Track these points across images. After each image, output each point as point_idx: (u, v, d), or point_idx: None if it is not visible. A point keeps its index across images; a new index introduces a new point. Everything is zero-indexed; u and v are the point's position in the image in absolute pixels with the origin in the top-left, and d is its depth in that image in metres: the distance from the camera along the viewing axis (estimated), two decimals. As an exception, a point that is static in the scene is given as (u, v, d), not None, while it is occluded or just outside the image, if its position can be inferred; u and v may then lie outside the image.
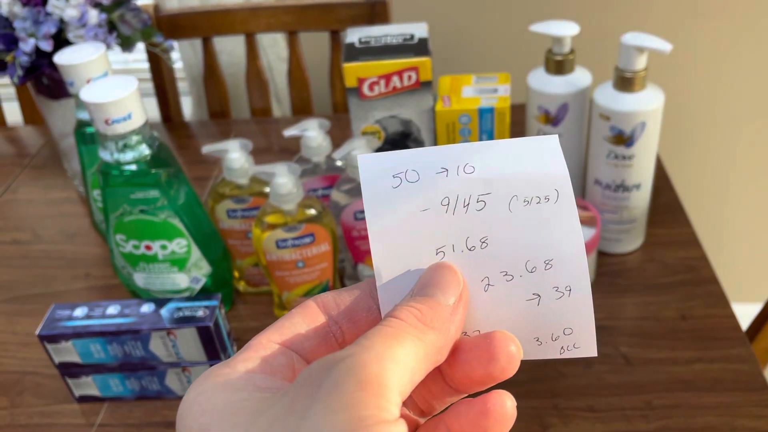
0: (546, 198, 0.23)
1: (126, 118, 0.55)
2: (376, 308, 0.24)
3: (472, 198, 0.23)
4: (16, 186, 0.93)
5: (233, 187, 0.65)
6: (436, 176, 0.23)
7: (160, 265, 0.63)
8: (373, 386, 0.19)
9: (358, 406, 0.18)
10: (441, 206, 0.23)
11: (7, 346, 0.68)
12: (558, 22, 0.67)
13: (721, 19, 1.18)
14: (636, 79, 0.62)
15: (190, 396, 0.21)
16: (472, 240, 0.23)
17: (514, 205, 0.23)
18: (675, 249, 0.72)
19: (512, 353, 0.22)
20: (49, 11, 0.75)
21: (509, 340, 0.22)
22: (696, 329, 0.63)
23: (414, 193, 0.23)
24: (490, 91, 0.67)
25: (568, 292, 0.23)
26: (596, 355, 0.23)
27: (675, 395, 0.57)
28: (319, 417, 0.18)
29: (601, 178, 0.67)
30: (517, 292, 0.23)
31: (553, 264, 0.23)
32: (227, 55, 1.23)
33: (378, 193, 0.23)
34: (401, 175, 0.23)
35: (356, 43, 0.67)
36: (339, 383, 0.19)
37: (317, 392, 0.19)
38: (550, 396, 0.58)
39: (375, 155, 0.23)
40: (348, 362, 0.19)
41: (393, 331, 0.21)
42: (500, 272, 0.23)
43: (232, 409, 0.20)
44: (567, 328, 0.23)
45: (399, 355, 0.20)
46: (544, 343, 0.23)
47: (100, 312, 0.57)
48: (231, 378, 0.21)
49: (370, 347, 0.20)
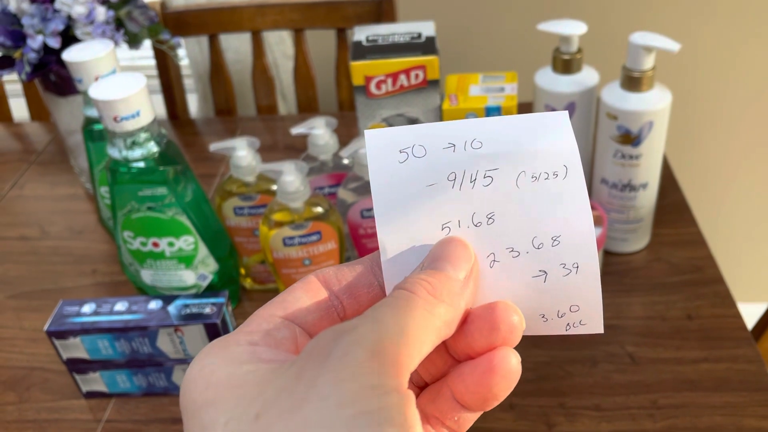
0: (555, 174, 0.22)
1: (134, 116, 0.56)
2: (377, 284, 0.23)
3: (479, 173, 0.22)
4: (23, 182, 0.93)
5: (240, 185, 0.65)
6: (443, 151, 0.23)
7: (168, 262, 0.63)
8: (383, 357, 0.19)
9: (368, 375, 0.18)
10: (447, 181, 0.23)
11: (15, 342, 0.68)
12: (566, 21, 0.67)
13: (728, 18, 1.17)
14: (644, 79, 0.62)
15: (194, 370, 0.21)
16: (478, 216, 0.23)
17: (522, 180, 0.22)
18: (681, 249, 0.72)
19: (514, 323, 0.22)
20: (57, 8, 0.75)
21: (511, 311, 0.22)
22: (702, 329, 0.63)
23: (421, 168, 0.23)
24: (497, 90, 0.67)
25: (575, 269, 0.22)
26: (602, 332, 0.23)
27: (681, 395, 0.57)
28: (328, 386, 0.18)
29: (608, 178, 0.67)
30: (524, 268, 0.23)
31: (560, 240, 0.22)
32: (233, 52, 1.23)
33: (384, 167, 0.23)
34: (408, 150, 0.23)
35: (364, 41, 0.67)
36: (348, 352, 0.18)
37: (326, 362, 0.18)
38: (556, 395, 0.58)
39: (382, 130, 0.23)
40: (358, 332, 0.19)
41: (403, 303, 0.21)
42: (506, 248, 0.23)
43: (236, 381, 0.20)
44: (573, 305, 0.23)
45: (409, 327, 0.20)
46: (550, 319, 0.23)
47: (108, 308, 0.58)
48: (234, 351, 0.21)
49: (380, 319, 0.20)
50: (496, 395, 0.22)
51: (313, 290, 0.23)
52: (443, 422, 0.23)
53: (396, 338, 0.19)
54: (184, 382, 0.21)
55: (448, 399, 0.23)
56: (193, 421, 0.20)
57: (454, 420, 0.23)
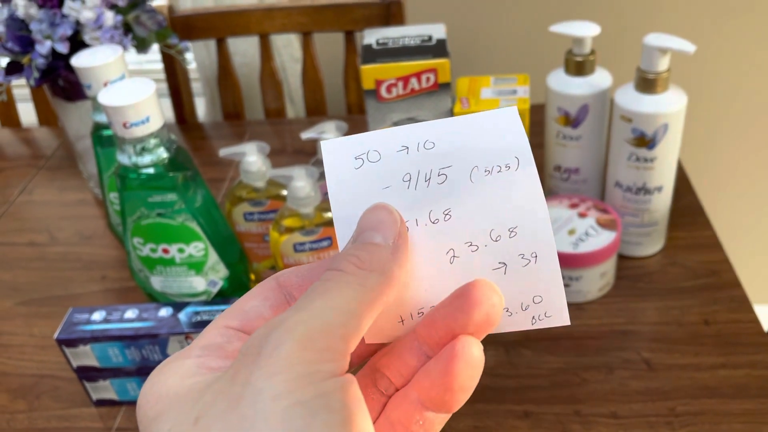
0: (507, 166, 0.23)
1: (144, 122, 0.55)
2: None
3: (433, 172, 0.23)
4: (32, 187, 0.93)
5: (250, 191, 0.65)
6: (397, 154, 0.23)
7: (178, 268, 0.63)
8: (315, 341, 0.19)
9: (300, 365, 0.18)
10: (403, 182, 0.23)
11: (25, 349, 0.68)
12: (578, 23, 0.66)
13: (743, 19, 1.16)
14: (659, 81, 0.61)
15: (146, 387, 0.21)
16: (435, 213, 0.23)
17: (475, 175, 0.23)
18: (696, 252, 0.71)
19: (495, 302, 0.22)
20: (65, 13, 0.75)
21: (490, 288, 0.22)
22: (720, 334, 0.62)
23: (376, 172, 0.23)
24: (509, 93, 0.67)
25: (534, 259, 0.23)
26: (569, 324, 0.23)
27: (699, 402, 0.56)
28: (261, 381, 0.18)
29: (622, 181, 0.66)
30: (483, 261, 0.23)
31: (517, 231, 0.23)
32: (240, 56, 1.23)
33: (341, 175, 0.23)
34: (363, 156, 0.23)
35: (374, 44, 0.66)
36: (278, 345, 0.18)
37: (258, 358, 0.18)
38: (571, 402, 0.57)
39: (338, 140, 0.23)
40: (287, 323, 0.19)
41: (332, 284, 0.20)
42: (465, 243, 0.23)
43: (182, 392, 0.20)
44: (536, 296, 0.23)
45: (340, 304, 0.20)
46: (514, 313, 0.23)
47: (118, 316, 0.57)
48: (184, 365, 0.21)
49: (308, 304, 0.20)
50: (462, 385, 0.22)
51: (271, 297, 0.23)
52: (408, 427, 0.23)
53: (327, 321, 0.19)
54: (139, 398, 0.21)
55: (412, 401, 0.23)
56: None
57: (419, 424, 0.23)
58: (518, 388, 0.59)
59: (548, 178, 0.74)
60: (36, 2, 0.76)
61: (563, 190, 0.72)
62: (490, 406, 0.57)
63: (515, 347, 0.62)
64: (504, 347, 0.62)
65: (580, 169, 0.70)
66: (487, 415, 0.57)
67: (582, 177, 0.71)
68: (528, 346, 0.62)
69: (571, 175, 0.71)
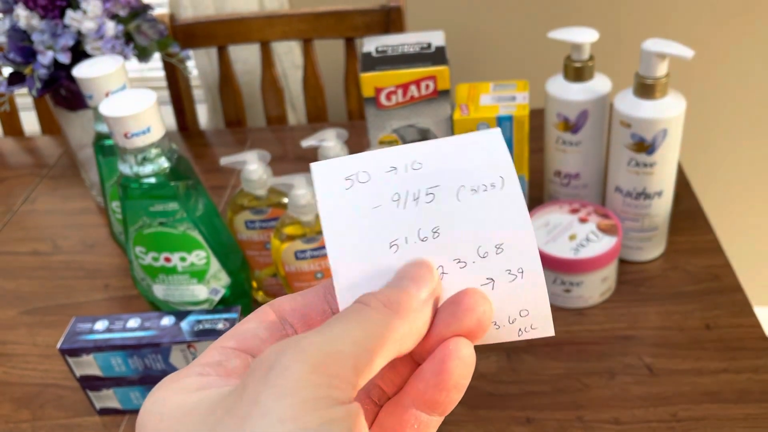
0: (492, 185, 0.24)
1: (145, 132, 0.55)
2: (330, 311, 0.24)
3: (422, 192, 0.24)
4: (35, 196, 0.94)
5: (251, 199, 0.65)
6: (386, 174, 0.24)
7: (180, 276, 0.63)
8: (326, 369, 0.18)
9: (310, 389, 0.18)
10: (392, 202, 0.24)
11: (28, 358, 0.68)
12: (577, 29, 0.66)
13: (741, 23, 1.16)
14: (657, 86, 0.61)
15: (147, 405, 0.21)
16: (424, 231, 0.24)
17: (462, 194, 0.24)
18: (697, 256, 0.71)
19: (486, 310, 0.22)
20: (67, 24, 0.75)
21: (481, 296, 0.23)
22: (721, 339, 0.62)
23: (366, 193, 0.24)
24: (508, 99, 0.67)
25: (520, 275, 0.23)
26: (554, 335, 0.24)
27: (701, 407, 0.56)
28: (270, 402, 0.18)
29: (622, 186, 0.67)
30: (471, 277, 0.24)
31: (503, 248, 0.23)
32: (242, 63, 1.23)
33: (332, 197, 0.24)
34: (353, 177, 0.24)
35: (373, 52, 0.66)
36: (289, 366, 0.18)
37: (267, 377, 0.18)
38: (573, 408, 0.57)
39: (327, 162, 0.24)
40: (301, 345, 0.19)
41: (355, 315, 0.21)
42: (453, 260, 0.24)
43: (187, 410, 0.20)
44: (523, 309, 0.24)
45: (357, 336, 0.20)
46: (502, 326, 0.24)
47: (121, 325, 0.57)
48: (185, 382, 0.21)
49: (326, 330, 0.20)
50: (457, 383, 0.22)
51: (267, 320, 0.23)
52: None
53: (341, 349, 0.19)
54: (139, 416, 0.21)
55: (406, 407, 0.23)
56: None
57: (414, 428, 0.23)
58: (520, 394, 0.59)
59: (548, 184, 0.74)
60: (38, 13, 0.76)
61: (563, 196, 0.73)
62: (492, 412, 0.57)
63: (517, 353, 0.62)
64: (506, 353, 0.62)
65: (580, 174, 0.71)
66: (489, 422, 0.57)
67: (582, 182, 0.71)
68: (530, 352, 0.62)
69: (571, 180, 0.71)
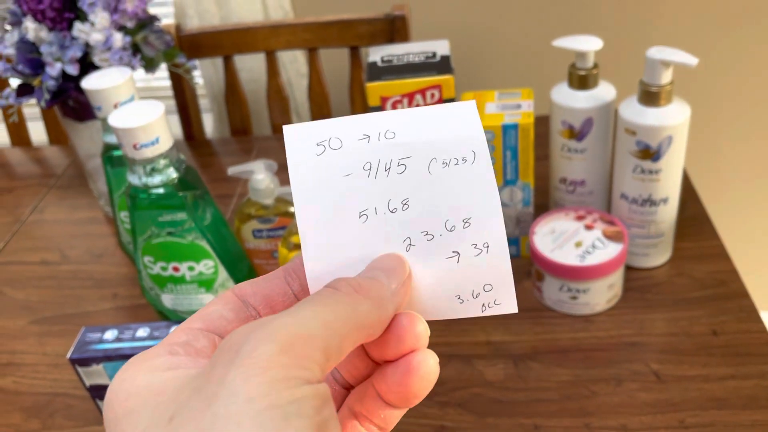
0: (464, 159, 0.23)
1: (154, 143, 0.56)
2: (291, 293, 0.24)
3: (393, 162, 0.24)
4: (43, 206, 0.94)
5: (259, 208, 0.65)
6: (359, 142, 0.24)
7: (188, 286, 0.64)
8: (295, 347, 0.19)
9: (277, 369, 0.18)
10: (363, 171, 0.24)
11: (38, 368, 0.69)
12: (581, 37, 0.66)
13: (745, 30, 1.17)
14: (662, 93, 0.61)
15: (115, 383, 0.21)
16: (393, 202, 0.24)
17: (434, 167, 0.24)
18: (704, 262, 0.71)
19: (419, 332, 0.23)
20: (75, 36, 0.76)
21: (416, 321, 0.23)
22: (728, 345, 0.62)
23: (337, 160, 0.24)
24: (513, 107, 0.67)
25: (485, 249, 0.24)
26: (516, 312, 0.24)
27: (709, 413, 0.56)
28: (237, 382, 0.18)
29: (628, 193, 0.67)
30: (438, 250, 0.24)
31: (471, 222, 0.24)
32: (247, 72, 1.24)
33: (302, 161, 0.24)
34: (325, 142, 0.24)
35: (379, 62, 0.67)
36: (258, 346, 0.18)
37: (235, 358, 0.18)
38: (581, 415, 0.57)
39: (300, 125, 0.24)
40: (269, 327, 0.19)
41: (324, 298, 0.21)
42: (421, 232, 0.24)
43: (155, 389, 0.20)
44: (487, 284, 0.24)
45: (327, 318, 0.20)
46: (465, 300, 0.24)
47: (130, 335, 0.58)
48: (154, 361, 0.21)
49: (295, 312, 0.20)
50: (416, 394, 0.23)
51: (230, 303, 0.23)
52: (371, 420, 0.24)
53: (311, 331, 0.19)
54: (107, 396, 0.21)
55: (374, 398, 0.24)
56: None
57: (380, 417, 0.24)
58: (527, 402, 0.59)
59: (554, 191, 0.74)
60: (46, 25, 0.77)
61: (569, 203, 0.73)
62: (500, 419, 0.58)
63: (524, 360, 0.62)
64: (513, 360, 0.63)
65: (585, 182, 0.71)
66: (497, 429, 0.57)
67: (587, 189, 0.71)
68: (536, 359, 0.62)
69: (576, 187, 0.71)
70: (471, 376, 0.62)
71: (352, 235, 0.24)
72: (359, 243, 0.24)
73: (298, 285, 0.24)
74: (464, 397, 0.60)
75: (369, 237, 0.24)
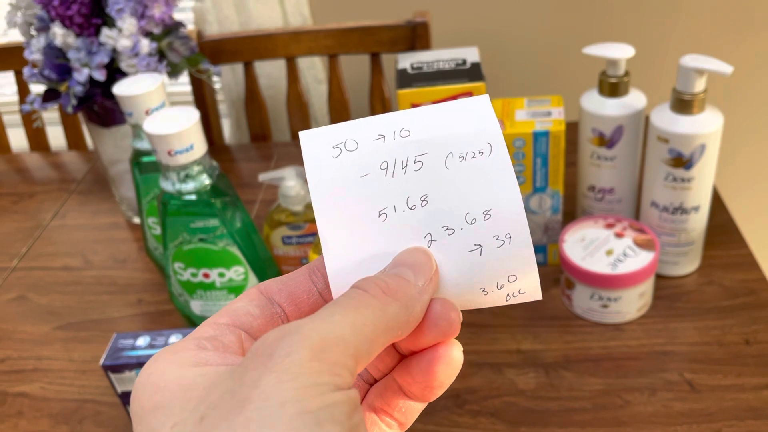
0: (480, 152, 0.24)
1: (188, 149, 0.56)
2: (316, 290, 0.24)
3: (410, 159, 0.24)
4: (65, 211, 0.94)
5: (288, 214, 0.65)
6: (374, 142, 0.24)
7: (218, 292, 0.63)
8: (327, 355, 0.19)
9: (310, 374, 0.18)
10: (380, 170, 0.24)
11: (65, 374, 0.69)
12: (612, 45, 0.66)
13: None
14: (695, 102, 0.61)
15: (143, 376, 0.21)
16: (412, 199, 0.24)
17: (450, 161, 0.24)
18: (733, 271, 0.70)
19: (452, 318, 0.23)
20: (102, 41, 0.76)
21: (449, 307, 0.23)
22: (762, 354, 0.61)
23: (354, 161, 0.24)
24: (543, 114, 0.67)
25: (508, 240, 0.24)
26: (541, 299, 0.24)
27: (745, 423, 0.56)
28: (271, 386, 0.18)
29: (659, 201, 0.66)
30: (460, 244, 0.24)
31: (491, 214, 0.24)
32: (266, 78, 1.24)
33: (319, 164, 0.24)
34: (341, 145, 0.24)
35: (408, 68, 0.67)
36: (291, 352, 0.19)
37: (269, 362, 0.19)
38: (616, 425, 0.57)
39: (315, 129, 0.24)
40: (302, 331, 0.19)
41: (353, 301, 0.21)
42: (441, 227, 0.24)
43: (185, 385, 0.20)
44: (511, 275, 0.24)
45: (357, 323, 0.20)
46: (490, 292, 0.24)
47: (163, 341, 0.58)
48: (183, 355, 0.21)
49: (327, 316, 0.20)
50: (441, 383, 0.23)
51: (255, 300, 0.24)
52: (390, 414, 0.25)
53: (342, 336, 0.19)
54: (134, 388, 0.21)
55: (395, 391, 0.24)
56: (141, 426, 0.20)
57: (401, 411, 0.24)
58: (561, 411, 0.58)
59: (582, 198, 0.74)
60: (73, 31, 0.77)
61: (597, 210, 0.73)
62: (534, 429, 0.57)
63: (555, 369, 0.62)
64: (544, 369, 0.62)
65: (614, 189, 0.71)
66: (531, 438, 0.57)
67: (617, 197, 0.71)
68: (568, 368, 0.62)
69: (605, 195, 0.71)
70: (502, 384, 0.61)
71: (372, 234, 0.24)
72: (380, 241, 0.24)
73: (323, 283, 0.24)
74: (497, 406, 0.59)
75: (389, 235, 0.24)
